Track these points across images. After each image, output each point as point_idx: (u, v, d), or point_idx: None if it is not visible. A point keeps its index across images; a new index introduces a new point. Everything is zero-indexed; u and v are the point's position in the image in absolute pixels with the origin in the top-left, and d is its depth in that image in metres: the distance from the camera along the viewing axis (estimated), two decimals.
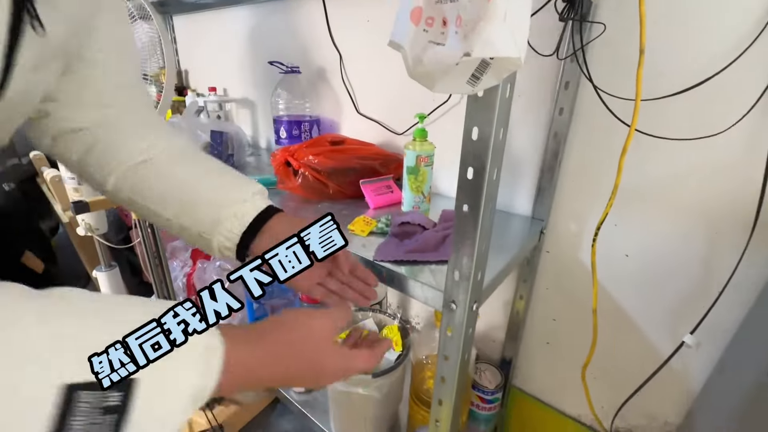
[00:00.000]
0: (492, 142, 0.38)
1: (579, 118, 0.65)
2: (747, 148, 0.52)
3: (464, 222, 0.42)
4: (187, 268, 1.20)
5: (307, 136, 0.98)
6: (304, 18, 1.00)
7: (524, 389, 0.91)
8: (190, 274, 1.15)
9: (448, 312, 0.48)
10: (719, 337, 0.59)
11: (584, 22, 0.55)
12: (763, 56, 0.49)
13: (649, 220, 0.63)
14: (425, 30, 0.35)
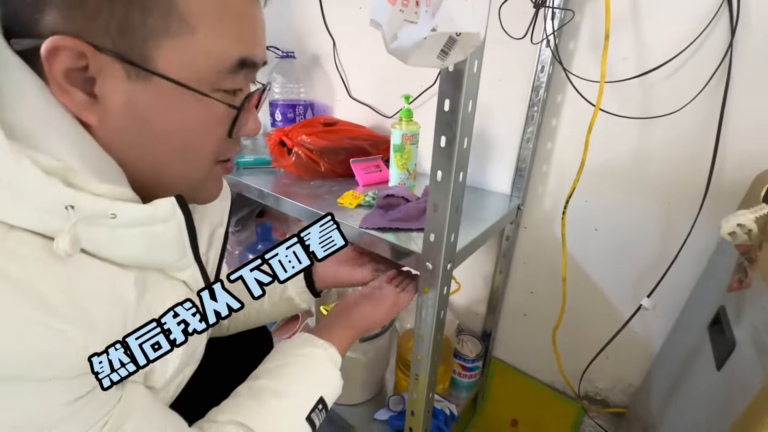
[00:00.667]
0: (461, 113, 0.42)
1: (552, 99, 0.69)
2: (699, 126, 0.57)
3: (438, 187, 0.47)
4: None
5: (301, 118, 1.02)
6: (299, 4, 1.03)
7: (503, 359, 0.97)
8: None
9: (425, 272, 0.53)
10: (675, 299, 0.65)
11: (555, 9, 0.60)
12: (712, 43, 0.54)
13: (614, 194, 0.68)
14: (401, 10, 0.39)
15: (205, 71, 0.31)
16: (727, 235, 0.45)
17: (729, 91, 0.54)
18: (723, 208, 0.57)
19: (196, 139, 0.34)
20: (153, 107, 0.30)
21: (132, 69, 0.28)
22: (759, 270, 0.40)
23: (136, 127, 0.31)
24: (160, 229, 0.32)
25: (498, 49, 0.70)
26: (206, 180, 0.38)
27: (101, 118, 0.29)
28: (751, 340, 0.37)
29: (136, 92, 0.29)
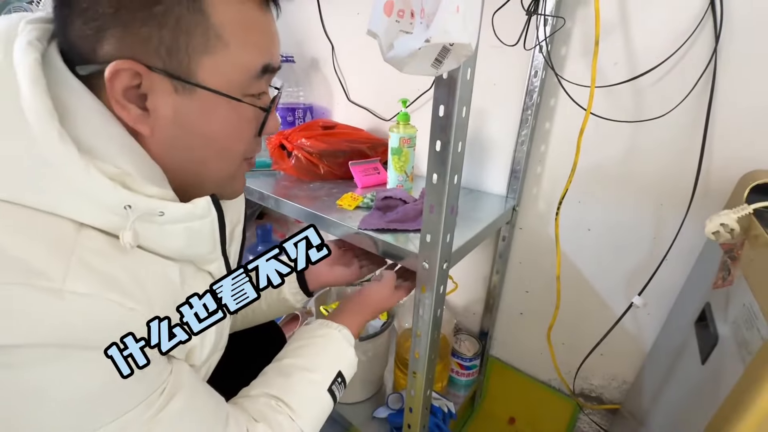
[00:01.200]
0: (455, 118, 0.44)
1: (546, 103, 0.71)
2: (686, 129, 0.59)
3: (433, 190, 0.49)
4: None
5: (300, 122, 1.04)
6: (298, 10, 1.05)
7: (501, 358, 0.98)
8: None
9: (422, 271, 0.55)
10: (665, 296, 0.67)
11: (547, 17, 0.62)
12: (698, 49, 0.55)
13: (606, 195, 0.70)
14: (397, 21, 0.41)
15: (237, 79, 0.35)
16: (711, 235, 0.47)
17: (714, 95, 0.55)
18: (710, 208, 0.59)
19: (231, 141, 0.38)
20: (196, 115, 0.35)
21: (179, 84, 0.32)
22: (741, 268, 0.42)
23: (182, 134, 0.35)
24: (198, 225, 0.36)
25: (492, 54, 0.72)
26: (235, 177, 0.43)
27: (152, 128, 0.33)
28: (732, 335, 0.39)
29: (182, 104, 0.33)
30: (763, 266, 0.38)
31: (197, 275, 0.40)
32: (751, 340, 0.35)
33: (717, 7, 0.53)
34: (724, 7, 0.52)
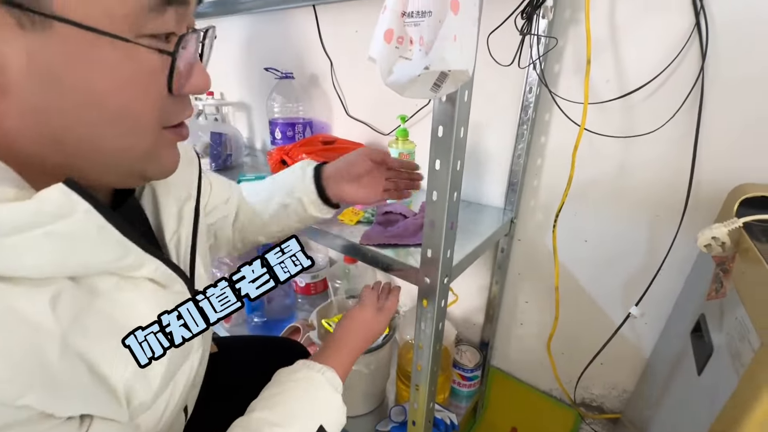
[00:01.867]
0: (454, 138, 0.46)
1: (541, 118, 0.73)
2: (677, 144, 0.61)
3: (433, 206, 0.50)
4: None
5: (300, 136, 1.06)
6: (297, 27, 1.07)
7: (502, 368, 0.99)
8: None
9: (423, 285, 0.56)
10: (662, 307, 0.68)
11: (540, 36, 0.64)
12: (686, 67, 0.58)
13: (602, 208, 0.71)
14: (397, 47, 0.43)
15: (120, 9, 0.25)
16: (703, 247, 0.48)
17: (702, 111, 0.57)
18: (702, 220, 0.61)
19: (130, 100, 0.28)
20: (61, 63, 0.24)
21: (23, 15, 0.22)
22: (733, 281, 0.43)
23: (50, 92, 0.25)
24: (65, 228, 0.24)
25: (488, 71, 0.74)
26: (156, 150, 0.32)
27: (2, 85, 0.24)
28: (727, 346, 0.40)
29: (35, 46, 0.23)
30: (753, 280, 0.40)
31: (126, 285, 0.31)
32: (743, 351, 0.36)
33: (702, 27, 0.55)
34: (709, 28, 0.54)
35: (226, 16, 1.26)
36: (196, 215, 0.42)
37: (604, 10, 0.61)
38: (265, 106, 1.09)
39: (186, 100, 0.33)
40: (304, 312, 1.23)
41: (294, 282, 1.19)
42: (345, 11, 0.95)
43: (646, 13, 0.59)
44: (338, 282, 1.07)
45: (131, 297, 0.31)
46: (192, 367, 0.39)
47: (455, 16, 0.36)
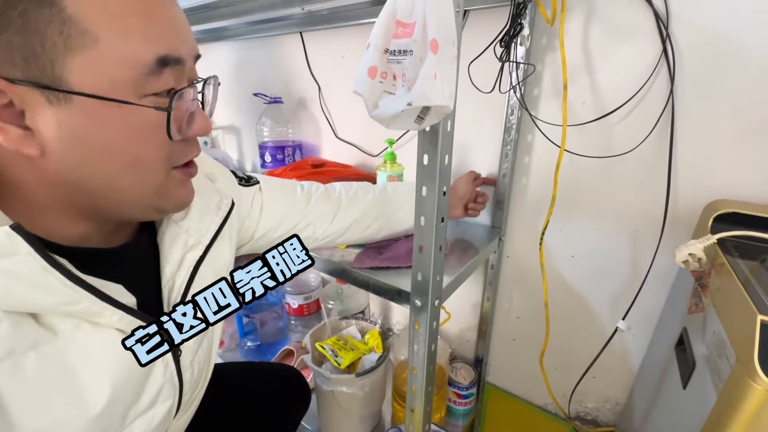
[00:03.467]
0: (438, 165, 0.47)
1: (524, 139, 0.76)
2: (652, 163, 0.63)
3: (422, 231, 0.51)
4: None
5: (290, 159, 1.07)
6: (285, 53, 1.10)
7: (496, 384, 0.99)
8: None
9: (415, 308, 0.57)
10: (648, 320, 0.70)
11: (519, 63, 0.67)
12: (656, 90, 0.61)
13: (585, 224, 0.73)
14: (380, 82, 0.45)
15: (123, 78, 0.29)
16: (681, 264, 0.50)
17: (674, 131, 0.60)
18: (680, 235, 0.63)
19: (138, 148, 0.32)
20: (83, 127, 0.30)
21: (50, 93, 0.28)
22: (710, 296, 0.45)
23: (77, 150, 0.30)
24: (5, 265, 0.27)
25: (471, 95, 0.77)
26: (167, 186, 0.36)
27: (41, 148, 0.29)
28: (707, 361, 0.41)
29: (62, 115, 0.29)
30: (728, 295, 0.41)
31: (88, 329, 0.32)
32: (722, 367, 0.37)
33: (669, 54, 0.58)
34: (676, 54, 0.58)
35: (214, 42, 1.28)
36: (197, 265, 0.42)
37: (578, 37, 0.65)
38: (254, 130, 1.11)
39: (192, 142, 0.38)
40: (297, 334, 1.22)
41: (287, 304, 1.19)
42: (331, 37, 0.98)
43: (616, 41, 0.62)
44: (331, 303, 1.06)
45: (90, 343, 0.32)
46: (155, 418, 0.38)
47: (435, 56, 0.38)
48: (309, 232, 0.59)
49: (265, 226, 0.56)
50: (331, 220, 0.60)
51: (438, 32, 0.38)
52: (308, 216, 0.59)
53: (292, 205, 0.58)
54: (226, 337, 1.15)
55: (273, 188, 0.57)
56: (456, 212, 0.74)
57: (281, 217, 0.57)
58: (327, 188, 0.63)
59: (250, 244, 0.56)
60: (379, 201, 0.64)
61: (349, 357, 0.84)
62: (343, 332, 0.96)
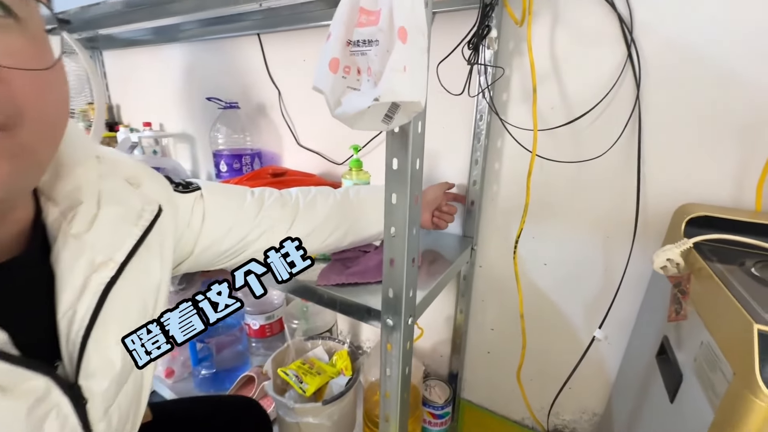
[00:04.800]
0: (410, 170, 0.43)
1: (493, 145, 0.74)
2: (621, 167, 0.63)
3: (392, 243, 0.46)
4: None
5: (248, 168, 1.00)
6: (242, 56, 1.03)
7: (472, 400, 0.95)
8: None
9: (387, 328, 0.52)
10: (623, 328, 0.68)
11: (487, 66, 0.65)
12: (623, 94, 0.60)
13: (557, 231, 0.72)
14: (344, 77, 0.40)
15: None
16: (659, 269, 0.49)
17: (642, 135, 0.60)
18: (651, 240, 0.62)
19: None
20: None
21: None
22: (692, 303, 0.44)
23: None
24: None
25: (440, 99, 0.74)
26: None
27: None
28: (696, 374, 0.39)
29: None
30: (713, 302, 0.40)
31: None
32: (716, 382, 0.35)
33: (634, 58, 0.58)
34: (641, 58, 0.58)
35: (166, 44, 1.19)
36: (107, 288, 0.33)
37: (545, 41, 0.64)
38: (208, 137, 1.02)
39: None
40: (259, 357, 1.12)
41: (246, 325, 1.09)
42: (291, 40, 0.93)
43: (582, 45, 0.61)
44: (295, 322, 0.99)
45: None
46: None
47: (404, 45, 0.34)
48: (263, 243, 0.51)
49: (208, 237, 0.47)
50: (289, 227, 0.53)
51: (406, 20, 0.34)
52: (261, 224, 0.51)
53: (242, 213, 0.50)
54: (177, 366, 1.04)
55: (217, 194, 0.49)
56: (424, 217, 0.71)
57: (229, 226, 0.49)
58: (282, 193, 0.56)
59: (191, 259, 0.47)
60: (342, 206, 0.58)
61: (315, 382, 0.77)
62: (308, 354, 0.89)
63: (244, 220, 0.50)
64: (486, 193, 0.77)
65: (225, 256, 0.50)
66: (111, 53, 1.39)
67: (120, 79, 1.41)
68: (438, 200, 0.71)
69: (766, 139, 0.53)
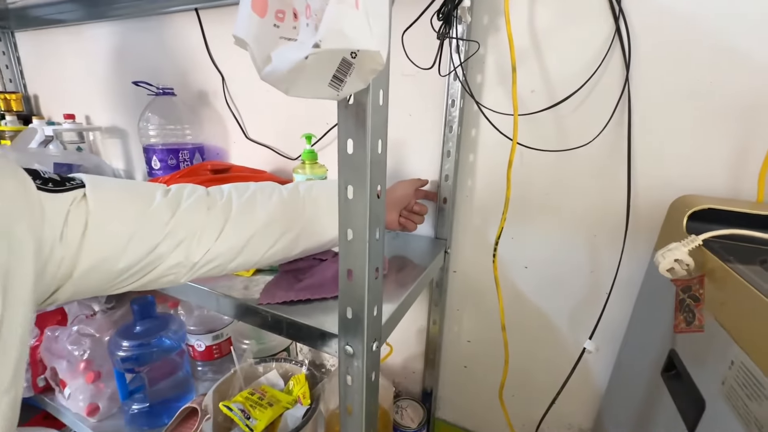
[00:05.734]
0: (369, 155, 0.33)
1: (467, 134, 0.65)
2: (610, 156, 0.56)
3: (349, 250, 0.36)
4: (32, 340, 0.94)
5: (187, 165, 0.86)
6: (177, 35, 0.89)
7: (448, 420, 0.86)
8: (35, 346, 0.90)
9: (345, 356, 0.41)
10: (614, 337, 0.62)
11: (460, 40, 0.56)
12: (611, 75, 0.54)
13: (540, 229, 0.64)
14: (276, 25, 0.29)
15: None
16: (666, 272, 0.41)
17: (632, 121, 0.54)
18: (644, 237, 0.56)
19: None
20: None
21: None
22: (712, 313, 0.36)
23: None
24: None
25: (405, 83, 0.65)
26: None
27: None
28: (726, 401, 0.32)
29: None
30: (742, 311, 0.32)
31: None
32: (764, 417, 0.27)
33: (623, 33, 0.51)
34: (630, 33, 0.51)
35: (92, 22, 1.02)
36: None
37: (523, 14, 0.56)
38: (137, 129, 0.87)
39: None
40: (207, 383, 0.97)
41: (190, 347, 0.94)
42: (235, 16, 0.80)
43: (565, 19, 0.54)
44: (246, 342, 0.86)
45: None
46: None
47: None
48: (180, 257, 0.38)
49: (96, 253, 0.34)
50: (217, 235, 0.41)
51: None
52: (177, 232, 0.38)
53: (147, 218, 0.37)
54: (103, 400, 0.87)
55: (110, 192, 0.36)
56: (390, 217, 0.61)
57: (127, 237, 0.35)
58: (210, 192, 0.43)
59: (69, 284, 0.34)
60: (291, 205, 0.46)
61: (265, 417, 0.64)
62: (260, 380, 0.76)
63: (150, 228, 0.36)
64: (460, 189, 0.69)
65: (127, 276, 0.37)
66: (25, 34, 1.19)
67: (37, 65, 1.21)
68: (408, 198, 0.62)
69: (765, 121, 0.48)
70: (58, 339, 0.88)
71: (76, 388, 0.86)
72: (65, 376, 0.86)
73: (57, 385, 0.90)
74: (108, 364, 0.86)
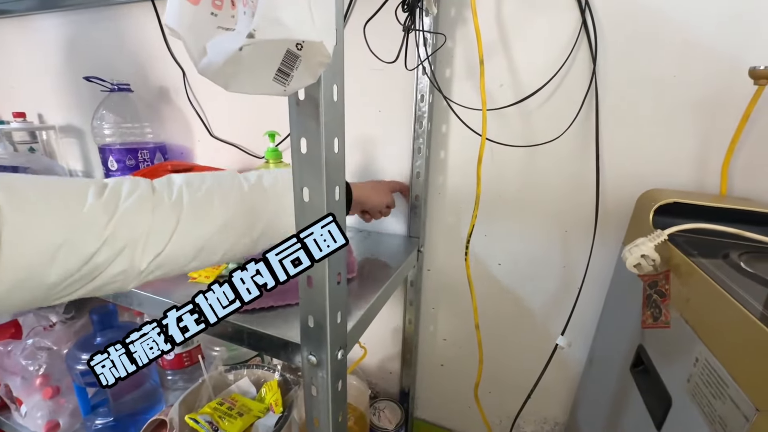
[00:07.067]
0: (324, 155, 0.31)
1: (437, 130, 0.64)
2: (579, 151, 0.56)
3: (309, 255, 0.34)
4: None
5: (147, 165, 0.81)
6: (134, 28, 0.84)
7: (426, 419, 0.85)
8: None
9: (309, 366, 0.39)
10: (586, 332, 0.62)
11: (427, 33, 0.54)
12: (578, 70, 0.53)
13: (511, 225, 0.64)
14: (213, 13, 0.27)
15: None
16: (633, 268, 0.41)
17: (600, 116, 0.53)
18: (613, 231, 0.56)
19: None
20: None
21: None
22: (678, 309, 0.36)
23: None
24: None
25: (374, 77, 0.63)
26: None
27: None
28: (691, 398, 0.32)
29: None
30: (705, 308, 0.32)
31: None
32: (725, 413, 0.27)
33: (590, 26, 0.51)
34: (597, 26, 0.50)
35: (41, 13, 0.95)
36: None
37: (491, 7, 0.55)
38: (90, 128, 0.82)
39: None
40: (178, 392, 0.93)
41: None
42: None
43: (532, 10, 0.53)
44: (216, 349, 0.82)
45: None
46: None
47: None
48: (124, 265, 0.34)
49: (17, 271, 0.29)
50: (167, 239, 0.36)
51: None
52: (116, 238, 0.33)
53: (77, 224, 0.32)
54: (64, 417, 0.82)
55: (30, 196, 0.31)
56: (378, 199, 0.60)
57: (54, 247, 0.31)
58: (156, 187, 0.38)
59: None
60: (252, 199, 0.41)
61: (235, 428, 0.62)
62: (231, 388, 0.73)
63: (82, 235, 0.32)
64: (432, 186, 0.67)
65: (62, 288, 0.33)
66: None
67: None
68: (381, 205, 0.60)
69: (728, 115, 0.48)
70: (11, 354, 0.82)
71: (33, 405, 0.81)
72: (20, 393, 0.81)
73: (13, 402, 0.84)
74: (68, 378, 0.81)
